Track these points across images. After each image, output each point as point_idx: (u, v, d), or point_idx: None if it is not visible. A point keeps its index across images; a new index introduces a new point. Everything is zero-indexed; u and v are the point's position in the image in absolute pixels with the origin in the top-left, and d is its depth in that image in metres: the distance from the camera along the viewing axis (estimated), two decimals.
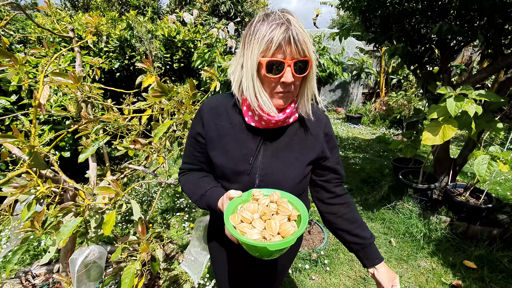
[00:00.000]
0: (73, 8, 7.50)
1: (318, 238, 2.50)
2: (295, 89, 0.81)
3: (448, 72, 2.81)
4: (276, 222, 0.68)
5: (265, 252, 0.65)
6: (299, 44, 0.72)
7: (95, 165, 1.73)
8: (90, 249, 0.95)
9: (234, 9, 6.90)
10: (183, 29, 4.54)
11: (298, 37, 0.72)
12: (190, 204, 3.07)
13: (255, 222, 0.69)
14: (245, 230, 0.67)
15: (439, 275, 2.10)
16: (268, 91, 0.79)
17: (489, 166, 1.92)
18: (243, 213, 0.71)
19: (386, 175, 3.90)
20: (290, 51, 0.72)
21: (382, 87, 8.10)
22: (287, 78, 0.74)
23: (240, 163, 0.86)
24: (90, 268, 0.91)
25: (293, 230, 0.67)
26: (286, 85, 0.76)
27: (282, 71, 0.74)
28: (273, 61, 0.73)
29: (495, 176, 3.79)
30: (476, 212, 2.47)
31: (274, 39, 0.71)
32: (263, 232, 0.67)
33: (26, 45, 4.63)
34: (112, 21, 4.09)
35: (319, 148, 0.91)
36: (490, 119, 2.25)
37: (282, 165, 0.87)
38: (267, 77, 0.76)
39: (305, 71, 0.76)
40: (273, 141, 0.89)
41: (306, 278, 2.09)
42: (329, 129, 0.94)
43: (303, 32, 0.74)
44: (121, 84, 4.40)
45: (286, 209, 0.72)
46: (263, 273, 1.12)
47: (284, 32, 0.71)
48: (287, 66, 0.73)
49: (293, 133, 0.90)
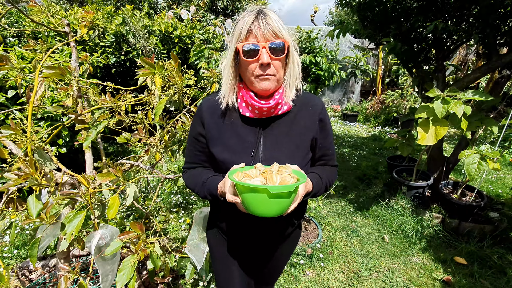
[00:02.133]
0: (68, 2, 7.40)
1: (313, 234, 2.54)
2: (278, 72, 0.84)
3: (443, 71, 2.85)
4: (277, 176, 0.73)
5: (265, 201, 0.68)
6: (271, 26, 0.78)
7: (91, 158, 1.74)
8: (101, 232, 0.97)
9: (232, 6, 6.87)
10: (180, 25, 4.52)
11: (268, 21, 0.78)
12: (186, 200, 3.09)
13: (257, 178, 0.74)
14: (246, 181, 0.72)
15: (430, 271, 2.15)
16: (252, 77, 0.83)
17: (479, 165, 1.96)
18: (247, 171, 0.76)
19: (380, 173, 3.94)
20: (262, 33, 0.78)
21: (378, 85, 8.15)
22: (264, 59, 0.78)
23: (242, 156, 0.89)
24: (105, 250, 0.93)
25: (293, 181, 0.72)
26: (264, 66, 0.80)
27: (258, 53, 0.78)
28: (247, 44, 0.78)
29: (487, 174, 3.85)
30: (467, 209, 2.52)
31: (246, 25, 0.79)
32: (264, 183, 0.72)
33: (20, 39, 4.57)
34: (108, 16, 4.05)
35: (314, 134, 0.94)
36: (482, 118, 2.28)
37: (283, 155, 0.90)
38: (246, 62, 0.81)
39: (282, 53, 0.80)
40: (272, 132, 0.91)
41: (300, 273, 2.12)
42: (324, 115, 0.96)
43: (275, 18, 0.80)
44: (117, 80, 4.37)
45: (286, 169, 0.76)
46: (263, 266, 1.14)
47: (254, 18, 0.79)
48: (262, 48, 0.78)
49: (290, 122, 0.92)
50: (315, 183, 0.88)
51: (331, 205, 3.19)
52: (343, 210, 3.07)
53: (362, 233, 2.66)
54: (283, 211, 0.73)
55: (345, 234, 2.64)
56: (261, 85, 0.83)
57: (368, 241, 2.54)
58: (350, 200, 3.28)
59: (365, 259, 2.31)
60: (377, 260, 2.29)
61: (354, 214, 3.00)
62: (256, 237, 1.00)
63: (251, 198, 0.69)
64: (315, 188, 0.88)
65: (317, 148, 0.97)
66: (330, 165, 1.02)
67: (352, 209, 3.06)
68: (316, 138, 0.95)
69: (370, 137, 6.00)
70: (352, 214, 2.99)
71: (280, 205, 0.70)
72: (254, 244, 1.04)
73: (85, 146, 1.26)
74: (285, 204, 0.71)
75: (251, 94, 0.87)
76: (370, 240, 2.56)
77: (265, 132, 0.91)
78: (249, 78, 0.85)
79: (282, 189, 0.67)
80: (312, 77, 4.26)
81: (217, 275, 1.17)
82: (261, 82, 0.83)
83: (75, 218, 0.92)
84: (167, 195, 3.20)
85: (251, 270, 1.16)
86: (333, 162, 1.03)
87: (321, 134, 0.96)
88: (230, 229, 1.02)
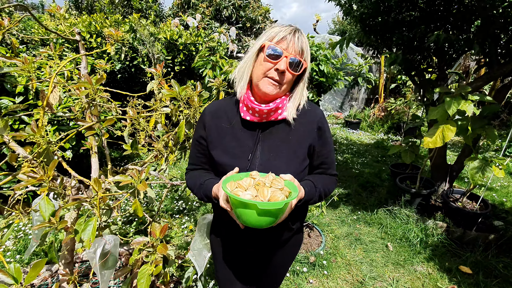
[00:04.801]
0: (77, 10, 7.57)
1: (316, 242, 2.53)
2: (286, 83, 0.88)
3: (446, 79, 2.87)
4: (268, 190, 0.74)
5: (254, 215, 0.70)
6: (301, 45, 0.85)
7: (97, 163, 1.76)
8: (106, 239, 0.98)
9: (236, 14, 6.98)
10: (185, 33, 4.60)
11: (302, 39, 0.85)
12: (189, 207, 3.09)
13: (250, 189, 0.76)
14: (238, 193, 0.74)
15: (435, 280, 2.13)
16: (262, 73, 0.87)
17: (483, 171, 1.95)
18: (240, 182, 0.78)
19: (384, 180, 3.93)
20: (291, 46, 0.84)
21: (381, 93, 8.18)
22: (281, 66, 0.83)
23: (240, 160, 0.91)
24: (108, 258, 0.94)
25: (283, 198, 0.74)
26: (279, 72, 0.85)
27: (279, 59, 0.84)
28: (275, 47, 0.84)
29: (491, 182, 3.83)
30: (472, 218, 2.50)
31: (284, 32, 0.84)
32: (255, 198, 0.74)
33: (28, 45, 4.66)
34: (116, 24, 4.14)
35: (311, 141, 0.95)
36: (484, 125, 2.29)
37: (280, 160, 0.91)
38: (266, 59, 0.85)
39: (298, 70, 0.86)
40: (270, 137, 0.94)
41: (303, 281, 2.11)
42: (322, 123, 0.98)
43: (307, 42, 0.87)
44: (122, 85, 4.43)
45: (279, 183, 0.78)
46: (264, 272, 1.14)
47: (293, 31, 0.85)
48: (284, 56, 0.84)
49: (289, 129, 0.94)
50: (307, 190, 0.88)
51: (334, 212, 3.18)
52: (346, 218, 3.05)
53: (365, 241, 2.64)
54: (272, 223, 0.75)
55: (348, 241, 2.63)
56: (267, 88, 0.86)
57: (372, 249, 2.52)
58: (353, 208, 3.27)
59: (369, 267, 2.29)
60: (381, 269, 2.27)
61: (357, 221, 2.98)
62: (253, 242, 1.00)
63: (242, 211, 0.72)
64: (308, 195, 0.88)
65: (315, 155, 0.98)
66: (329, 174, 1.02)
67: (355, 217, 3.05)
68: (314, 146, 0.96)
69: (373, 144, 6.00)
70: (356, 222, 2.97)
71: (269, 219, 0.73)
72: (252, 250, 1.05)
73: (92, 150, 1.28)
74: (275, 218, 0.74)
75: (251, 98, 0.90)
76: (374, 248, 2.54)
77: (263, 136, 0.93)
78: (258, 75, 0.87)
79: (271, 205, 0.69)
80: (314, 83, 4.30)
81: (218, 280, 1.18)
82: (268, 85, 0.86)
83: (88, 225, 0.93)
84: (170, 201, 3.20)
85: (252, 276, 1.16)
86: (331, 171, 1.03)
87: (319, 141, 0.97)
88: (230, 234, 1.03)
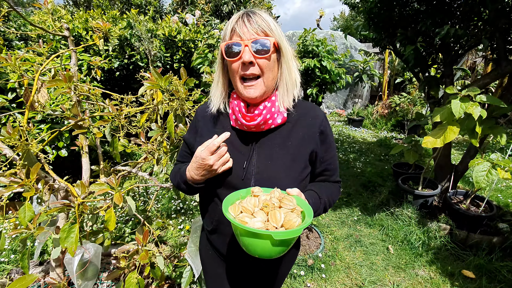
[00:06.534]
0: (75, 6, 7.51)
1: (315, 244, 2.47)
2: (265, 73, 0.78)
3: (451, 76, 2.77)
4: (281, 213, 0.63)
5: (267, 246, 0.59)
6: (258, 24, 0.74)
7: (88, 163, 1.71)
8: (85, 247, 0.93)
9: (236, 10, 6.88)
10: (184, 29, 4.52)
11: (254, 19, 0.75)
12: (186, 206, 3.04)
13: (257, 213, 0.64)
14: (245, 220, 0.62)
15: (437, 285, 2.06)
16: (237, 79, 0.79)
17: (488, 173, 1.87)
18: (244, 204, 0.67)
19: (386, 180, 3.85)
20: (246, 32, 0.74)
21: (384, 90, 8.05)
22: (245, 57, 0.74)
23: (235, 168, 0.84)
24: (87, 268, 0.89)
25: (299, 222, 0.63)
26: (247, 65, 0.76)
27: (240, 52, 0.74)
28: (229, 43, 0.75)
29: (496, 183, 3.73)
30: (476, 220, 2.42)
31: (229, 24, 0.77)
32: (266, 224, 0.62)
33: (27, 42, 4.62)
34: (113, 20, 4.07)
35: (313, 147, 0.87)
36: (492, 125, 2.20)
37: (278, 168, 0.83)
38: (229, 61, 0.78)
39: (267, 51, 0.75)
40: (267, 143, 0.85)
41: (301, 285, 2.05)
42: (325, 127, 0.89)
43: (263, 16, 0.76)
44: (120, 83, 4.38)
45: (290, 202, 0.67)
46: (259, 286, 1.07)
47: (239, 17, 0.76)
48: (244, 46, 0.74)
49: (287, 133, 0.86)
50: (312, 202, 0.80)
51: (334, 213, 3.11)
52: (346, 219, 2.99)
53: (366, 243, 2.57)
54: (285, 252, 0.64)
55: (348, 244, 2.56)
56: (247, 93, 0.79)
57: (372, 252, 2.45)
58: (354, 208, 3.19)
59: (369, 271, 2.23)
60: (381, 273, 2.21)
61: (358, 223, 2.92)
62: (249, 257, 0.93)
63: (251, 242, 0.61)
64: (313, 208, 0.81)
65: (317, 162, 0.91)
66: (332, 181, 0.95)
67: (356, 218, 2.98)
68: (317, 152, 0.88)
69: (375, 143, 5.90)
70: (356, 223, 2.91)
71: (282, 249, 0.62)
72: (247, 264, 0.97)
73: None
74: (287, 247, 0.63)
75: (240, 105, 0.82)
76: (374, 251, 2.47)
77: (259, 143, 0.85)
78: (234, 81, 0.81)
79: (289, 235, 0.57)
80: (317, 81, 4.20)
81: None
82: (247, 89, 0.79)
83: (71, 233, 0.88)
84: (167, 200, 3.16)
85: None
86: (335, 178, 0.95)
87: (322, 147, 0.89)
88: (223, 247, 0.96)
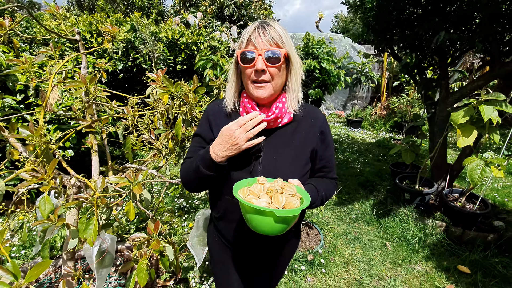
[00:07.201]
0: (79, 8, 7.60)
1: (315, 240, 2.54)
2: (275, 78, 0.87)
3: (447, 78, 2.85)
4: (283, 197, 0.74)
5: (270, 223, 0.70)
6: (271, 35, 0.83)
7: (98, 162, 1.78)
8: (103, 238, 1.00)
9: (238, 13, 6.97)
10: (186, 32, 4.60)
11: (268, 31, 0.84)
12: (189, 205, 3.12)
13: (262, 196, 0.76)
14: (252, 200, 0.73)
15: (432, 279, 2.14)
16: (249, 82, 0.88)
17: (482, 171, 1.95)
18: (251, 188, 0.78)
19: (384, 179, 3.93)
20: (260, 42, 0.83)
21: (383, 91, 8.14)
22: (258, 65, 0.83)
23: (243, 162, 0.92)
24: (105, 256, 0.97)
25: (298, 204, 0.74)
26: (259, 72, 0.85)
27: (254, 60, 0.84)
28: (245, 51, 0.85)
29: (492, 182, 3.81)
30: (471, 217, 2.49)
31: (246, 34, 0.86)
32: (270, 205, 0.73)
33: (31, 45, 4.71)
34: (117, 23, 4.16)
35: (314, 145, 0.97)
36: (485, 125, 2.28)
37: (282, 164, 0.92)
38: (243, 67, 0.87)
39: (278, 61, 0.84)
40: (273, 141, 0.95)
41: (301, 279, 2.12)
42: (325, 127, 0.99)
43: (276, 29, 0.85)
44: (124, 85, 4.46)
45: (291, 189, 0.78)
46: (261, 272, 1.15)
47: (254, 28, 0.85)
48: (258, 55, 0.83)
49: (291, 132, 0.96)
50: (310, 194, 0.88)
51: (333, 211, 3.19)
52: (345, 217, 3.06)
53: (364, 240, 2.65)
54: (285, 230, 0.75)
55: (347, 240, 2.64)
56: (256, 92, 0.88)
57: (370, 248, 2.53)
58: (353, 207, 3.27)
59: (367, 266, 2.30)
60: (379, 268, 2.28)
61: (356, 220, 2.99)
62: (253, 242, 1.01)
63: (256, 218, 0.72)
64: (311, 199, 0.90)
65: (317, 159, 1.00)
66: (329, 178, 1.05)
67: (354, 216, 3.06)
68: (316, 150, 0.98)
69: (374, 143, 5.98)
70: (355, 221, 2.98)
71: (283, 226, 0.72)
72: (251, 250, 1.06)
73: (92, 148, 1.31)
74: (288, 225, 0.74)
75: (252, 104, 0.90)
76: (373, 247, 2.55)
77: (266, 140, 0.93)
78: (246, 83, 0.90)
79: (288, 213, 0.69)
80: (317, 83, 4.29)
81: (216, 280, 1.19)
82: (256, 89, 0.88)
83: (89, 224, 0.95)
84: (171, 199, 3.23)
85: (250, 276, 1.17)
86: (332, 174, 1.05)
87: (322, 146, 0.99)
88: (229, 233, 1.04)
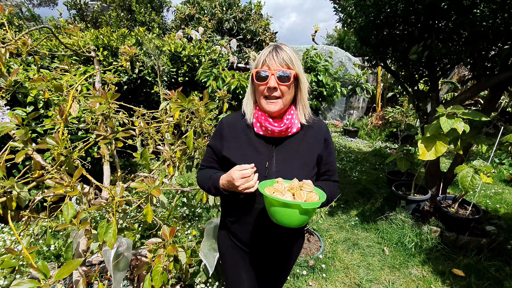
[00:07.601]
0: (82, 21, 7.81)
1: (315, 246, 2.62)
2: (285, 95, 1.02)
3: (437, 91, 3.02)
4: (304, 193, 0.87)
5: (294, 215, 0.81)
6: (283, 58, 0.99)
7: (109, 170, 1.88)
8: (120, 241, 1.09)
9: (237, 27, 7.21)
10: (188, 45, 4.78)
11: (280, 54, 0.99)
12: (192, 213, 3.19)
13: (286, 192, 0.89)
14: (278, 195, 0.86)
15: (429, 282, 2.22)
16: (261, 97, 1.03)
17: (473, 178, 2.07)
18: (275, 186, 0.91)
19: (381, 187, 4.04)
20: (274, 63, 0.98)
21: (378, 102, 8.35)
22: (271, 83, 0.97)
23: (257, 166, 1.04)
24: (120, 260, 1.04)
25: (317, 198, 0.87)
26: (271, 89, 1.00)
27: (267, 78, 0.98)
28: (260, 71, 0.99)
29: (485, 189, 3.94)
30: (464, 223, 2.60)
31: (262, 56, 1.00)
32: (294, 200, 0.86)
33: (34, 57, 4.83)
34: (122, 37, 4.32)
35: (319, 152, 1.11)
36: (474, 135, 2.42)
37: (293, 168, 1.06)
38: (257, 84, 1.02)
39: (288, 81, 0.99)
40: (284, 149, 1.08)
41: (303, 284, 2.20)
42: (327, 135, 1.15)
43: (287, 52, 1.00)
44: (128, 96, 4.58)
45: (308, 186, 0.91)
46: (271, 270, 1.24)
47: (269, 51, 0.99)
48: (271, 74, 0.98)
49: (299, 140, 1.10)
50: None
51: (332, 218, 3.28)
52: (344, 224, 3.15)
53: (363, 245, 2.74)
54: (306, 222, 0.86)
55: (346, 246, 2.72)
56: (268, 107, 1.02)
57: (369, 254, 2.61)
58: (351, 214, 3.37)
59: (366, 271, 2.38)
60: (377, 272, 2.36)
61: (355, 227, 3.08)
62: (266, 240, 1.11)
63: (282, 211, 0.83)
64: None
65: (322, 164, 1.14)
66: (332, 180, 1.18)
67: (353, 223, 3.15)
68: (321, 155, 1.12)
69: (370, 152, 6.13)
70: (353, 227, 3.07)
71: (305, 219, 0.84)
72: (263, 248, 1.15)
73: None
74: (309, 217, 0.86)
75: (266, 115, 1.04)
76: (371, 252, 2.63)
77: (277, 148, 1.07)
78: (259, 98, 1.04)
79: (311, 205, 0.80)
80: (314, 94, 4.46)
81: (226, 281, 1.27)
82: (268, 104, 1.02)
83: (109, 229, 1.04)
84: (174, 208, 3.30)
85: (259, 274, 1.26)
86: (335, 177, 1.19)
87: (325, 151, 1.13)
88: (243, 235, 1.13)
